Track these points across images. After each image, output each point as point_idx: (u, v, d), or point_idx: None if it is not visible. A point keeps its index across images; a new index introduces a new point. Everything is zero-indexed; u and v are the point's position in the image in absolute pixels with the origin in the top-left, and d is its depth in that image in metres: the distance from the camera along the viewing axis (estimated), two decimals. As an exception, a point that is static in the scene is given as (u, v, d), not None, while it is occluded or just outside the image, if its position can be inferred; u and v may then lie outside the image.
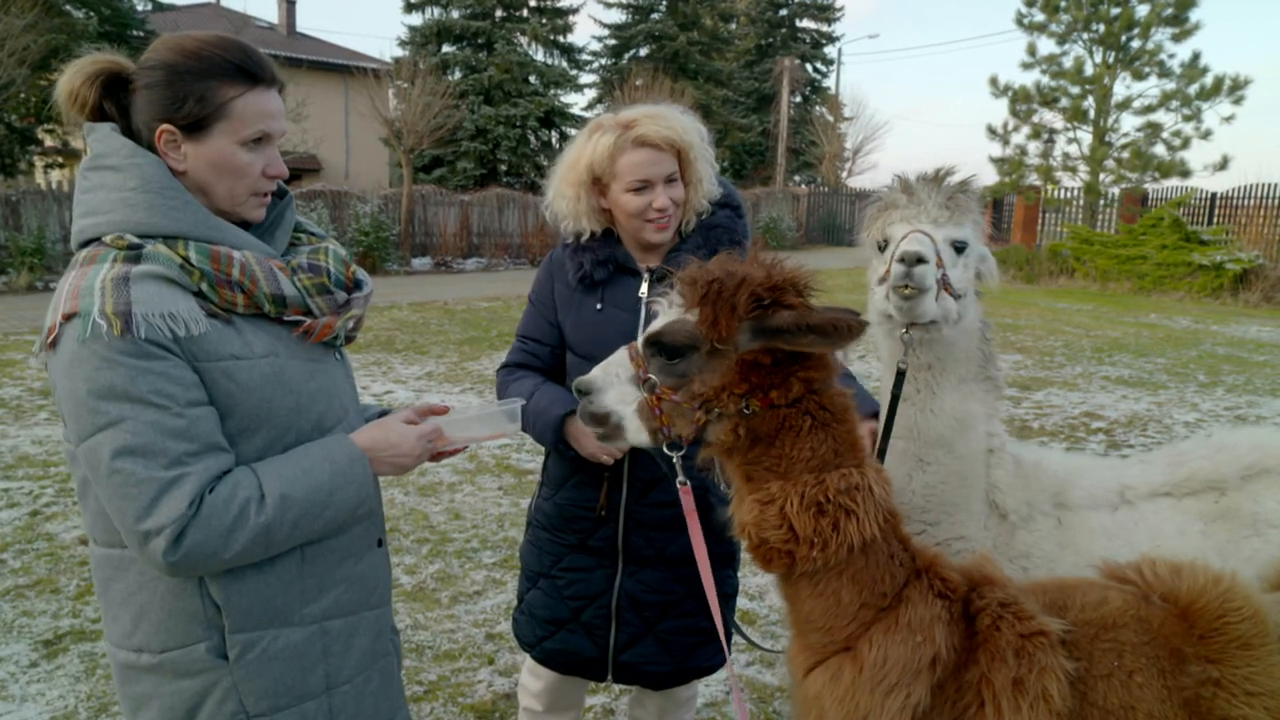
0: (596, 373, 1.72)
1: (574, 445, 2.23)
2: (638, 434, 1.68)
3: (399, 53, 31.10)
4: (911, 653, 1.52)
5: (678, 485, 1.80)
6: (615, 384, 1.68)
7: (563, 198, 2.31)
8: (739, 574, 2.58)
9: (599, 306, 2.30)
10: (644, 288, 2.29)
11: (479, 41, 31.04)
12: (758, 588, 4.48)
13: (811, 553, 1.53)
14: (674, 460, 1.74)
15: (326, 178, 28.84)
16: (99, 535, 1.59)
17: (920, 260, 1.96)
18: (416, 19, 31.37)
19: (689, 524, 1.79)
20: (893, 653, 1.52)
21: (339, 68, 30.51)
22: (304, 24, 34.93)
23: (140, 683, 1.60)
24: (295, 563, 1.62)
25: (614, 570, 2.35)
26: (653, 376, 1.64)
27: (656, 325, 1.67)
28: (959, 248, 2.11)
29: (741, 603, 4.32)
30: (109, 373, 1.41)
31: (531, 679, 2.59)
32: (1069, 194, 23.58)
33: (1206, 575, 1.60)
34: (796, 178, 39.23)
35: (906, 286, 1.98)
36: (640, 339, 1.71)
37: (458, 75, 29.81)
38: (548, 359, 2.42)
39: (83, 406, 1.43)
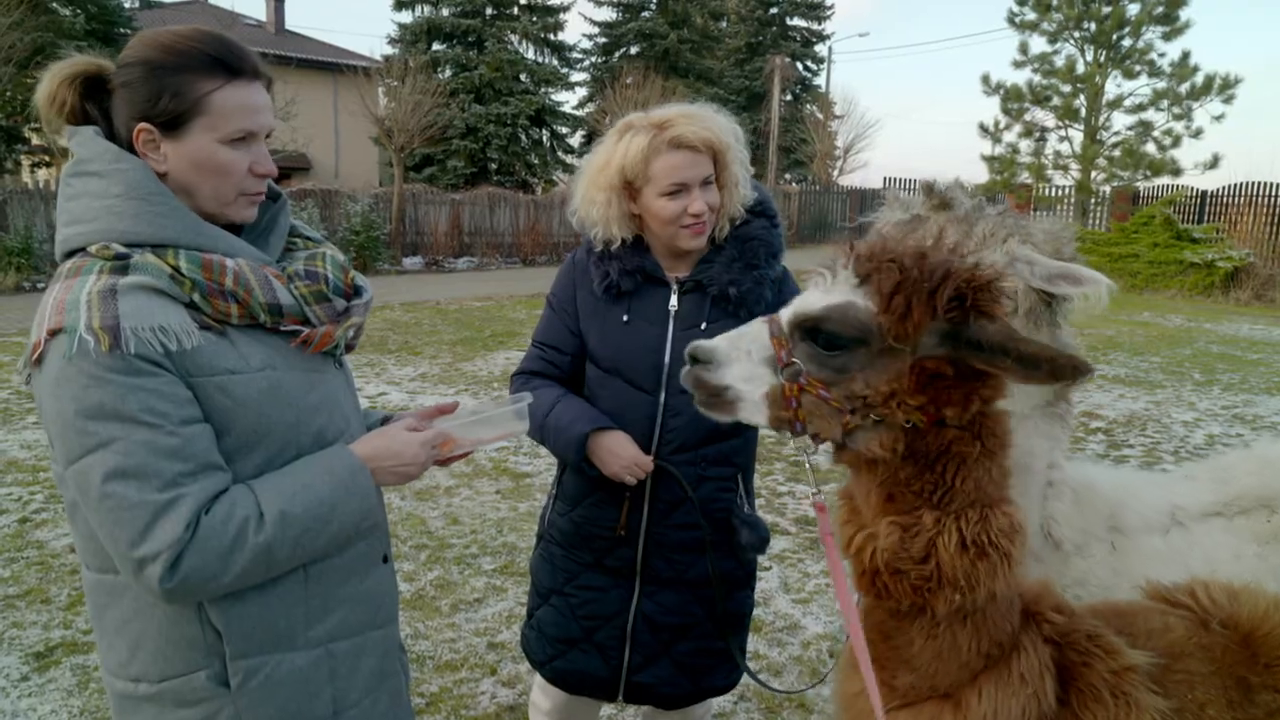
0: (721, 344, 1.50)
1: (598, 465, 2.13)
2: (755, 416, 1.47)
3: (389, 51, 30.96)
4: (1022, 707, 1.36)
5: (813, 497, 1.54)
6: (743, 361, 1.46)
7: (592, 204, 2.17)
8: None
9: (626, 319, 2.19)
10: (673, 299, 2.19)
11: (469, 40, 30.91)
12: (762, 593, 4.42)
13: (953, 596, 1.33)
14: (805, 461, 1.52)
15: (316, 177, 28.65)
16: (90, 560, 1.52)
17: None
18: (406, 17, 31.23)
19: (826, 547, 1.52)
20: (1004, 706, 1.36)
21: (328, 66, 30.31)
22: (293, 21, 34.74)
23: (139, 713, 1.53)
24: (298, 583, 1.55)
25: (630, 591, 2.27)
26: (797, 362, 1.40)
27: (816, 306, 1.41)
28: None
29: (746, 609, 4.25)
30: (98, 391, 1.33)
31: (541, 697, 2.52)
32: (1061, 192, 23.63)
33: (1266, 600, 1.53)
34: (788, 176, 39.21)
35: None
36: (787, 315, 1.46)
37: (448, 73, 29.67)
38: (567, 367, 2.30)
39: (70, 427, 1.35)
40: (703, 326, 2.15)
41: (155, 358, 1.36)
